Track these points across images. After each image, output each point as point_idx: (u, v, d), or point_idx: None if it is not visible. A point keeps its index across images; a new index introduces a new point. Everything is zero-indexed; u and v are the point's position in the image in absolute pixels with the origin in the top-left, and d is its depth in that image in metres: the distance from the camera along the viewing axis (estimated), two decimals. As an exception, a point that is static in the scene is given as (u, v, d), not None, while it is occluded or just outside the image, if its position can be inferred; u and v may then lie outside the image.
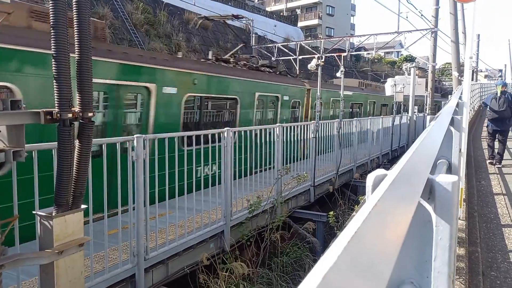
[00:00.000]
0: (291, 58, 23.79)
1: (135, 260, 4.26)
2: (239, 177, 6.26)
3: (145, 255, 4.34)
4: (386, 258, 0.59)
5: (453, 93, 12.43)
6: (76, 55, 2.87)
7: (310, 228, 7.41)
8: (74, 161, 2.87)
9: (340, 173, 9.97)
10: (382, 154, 14.03)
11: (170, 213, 4.94)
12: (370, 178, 0.95)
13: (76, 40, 2.85)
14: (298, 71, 24.21)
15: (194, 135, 5.32)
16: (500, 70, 55.14)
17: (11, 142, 2.75)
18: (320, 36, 45.02)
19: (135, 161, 4.21)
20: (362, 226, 0.52)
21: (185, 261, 5.12)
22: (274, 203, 6.74)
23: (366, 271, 0.50)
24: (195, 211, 5.21)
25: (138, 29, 19.58)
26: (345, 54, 22.33)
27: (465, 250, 3.75)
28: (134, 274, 4.29)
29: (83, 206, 3.02)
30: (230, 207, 5.82)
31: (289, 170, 6.93)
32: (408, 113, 16.91)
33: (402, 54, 51.49)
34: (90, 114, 2.91)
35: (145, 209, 4.33)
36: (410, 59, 33.28)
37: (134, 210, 4.26)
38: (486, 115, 9.60)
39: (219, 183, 5.88)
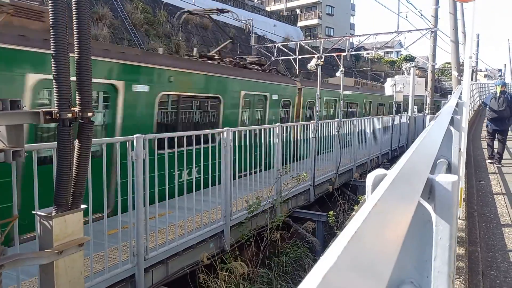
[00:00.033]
0: (291, 58, 23.79)
1: (135, 260, 4.26)
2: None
3: (145, 255, 4.34)
4: (386, 258, 0.59)
5: (452, 92, 12.45)
6: (75, 55, 2.87)
7: (309, 227, 7.42)
8: (74, 161, 2.87)
9: (339, 172, 9.97)
10: (382, 153, 14.03)
11: (170, 213, 4.94)
12: (370, 178, 0.95)
13: (75, 40, 2.85)
14: (298, 71, 24.27)
15: (193, 135, 5.31)
16: (499, 70, 55.17)
17: (11, 142, 2.74)
18: (319, 36, 45.04)
19: (135, 161, 4.21)
20: (362, 226, 0.52)
21: (185, 261, 5.12)
22: (274, 203, 6.73)
23: (366, 271, 0.50)
24: (195, 211, 5.21)
25: (137, 29, 19.58)
26: (344, 54, 22.31)
27: (465, 249, 3.75)
28: (134, 274, 4.29)
29: (83, 206, 3.02)
30: (230, 207, 5.82)
31: (288, 171, 6.92)
32: (407, 112, 16.92)
33: (401, 54, 51.48)
34: (89, 114, 2.91)
35: (145, 209, 4.34)
36: (410, 59, 33.26)
37: (134, 210, 4.27)
38: (486, 115, 9.63)
39: (198, 190, 5.34)
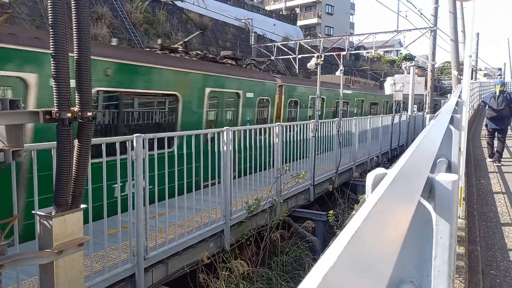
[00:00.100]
0: (291, 57, 23.79)
1: (135, 259, 4.26)
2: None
3: (145, 255, 4.34)
4: (386, 257, 0.59)
5: (452, 92, 12.45)
6: (75, 55, 2.86)
7: (309, 227, 7.42)
8: (74, 160, 2.87)
9: (339, 172, 9.97)
10: (382, 153, 14.03)
11: (170, 212, 4.94)
12: (370, 177, 0.95)
13: (75, 39, 2.85)
14: (298, 70, 24.26)
15: (193, 135, 5.31)
16: (499, 69, 55.16)
17: (10, 142, 2.74)
18: (319, 35, 45.02)
19: (135, 160, 4.20)
20: (362, 226, 0.52)
21: (185, 260, 5.12)
22: (274, 203, 6.73)
23: (366, 271, 0.50)
24: (195, 211, 5.20)
25: (137, 28, 19.57)
26: (344, 53, 22.33)
27: (464, 248, 3.75)
28: (134, 274, 4.29)
29: (83, 206, 3.02)
30: (230, 206, 5.82)
31: (287, 170, 6.92)
32: (407, 112, 16.92)
33: (401, 53, 51.52)
34: (89, 113, 2.91)
35: (144, 208, 4.33)
36: (410, 58, 33.26)
37: (133, 209, 4.26)
38: (485, 114, 9.67)
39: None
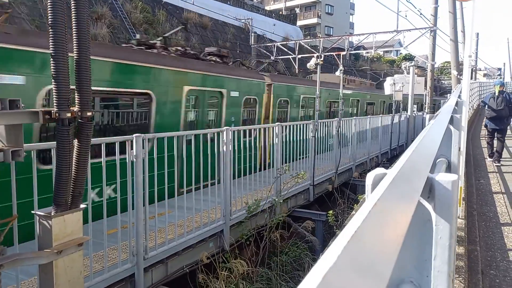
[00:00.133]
0: (290, 57, 23.80)
1: (135, 259, 4.26)
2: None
3: (144, 255, 4.34)
4: (386, 257, 0.59)
5: (452, 92, 12.45)
6: (74, 55, 2.86)
7: (309, 227, 7.42)
8: (73, 160, 2.87)
9: (339, 172, 9.97)
10: (381, 153, 14.04)
11: (170, 212, 4.94)
12: (370, 177, 0.95)
13: (74, 39, 2.85)
14: (298, 70, 24.26)
15: (193, 135, 5.31)
16: (499, 69, 55.21)
17: (10, 141, 2.74)
18: (319, 35, 45.02)
19: (134, 160, 4.20)
20: (362, 226, 0.52)
21: (184, 260, 5.12)
22: (273, 203, 6.73)
23: (366, 271, 0.50)
24: (195, 211, 5.20)
25: (137, 28, 19.56)
26: (344, 53, 22.35)
27: (464, 248, 3.75)
28: (133, 274, 4.28)
29: (82, 206, 3.01)
30: (230, 206, 5.82)
31: (287, 169, 6.92)
32: (407, 112, 16.93)
33: (401, 53, 51.53)
34: (89, 113, 2.90)
35: (144, 208, 4.33)
36: (409, 58, 33.29)
37: (133, 209, 4.26)
38: (485, 114, 9.69)
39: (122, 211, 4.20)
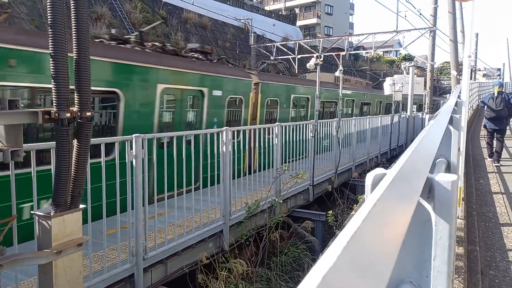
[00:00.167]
0: (290, 57, 23.80)
1: (134, 259, 4.25)
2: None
3: (144, 255, 4.34)
4: (385, 257, 0.59)
5: (451, 92, 12.46)
6: (74, 54, 2.86)
7: (308, 227, 7.41)
8: (73, 160, 2.86)
9: (339, 172, 9.98)
10: (381, 153, 14.04)
11: (169, 212, 4.93)
12: (370, 177, 0.95)
13: (74, 39, 2.84)
14: (297, 70, 24.26)
15: (192, 135, 5.30)
16: (498, 69, 55.25)
17: (9, 141, 2.74)
18: (318, 35, 45.05)
19: (134, 160, 4.20)
20: (362, 226, 0.51)
21: (184, 260, 5.12)
22: (273, 203, 6.73)
23: (366, 271, 0.50)
24: (194, 211, 5.20)
25: (136, 28, 19.54)
26: (343, 53, 22.37)
27: (463, 249, 3.75)
28: (133, 274, 4.28)
29: (82, 206, 3.01)
30: (229, 207, 5.82)
31: (286, 169, 6.92)
32: (406, 112, 16.94)
33: (400, 53, 51.50)
34: (88, 113, 2.90)
35: (144, 208, 4.33)
36: (409, 58, 33.28)
37: (132, 209, 4.26)
38: (484, 114, 9.71)
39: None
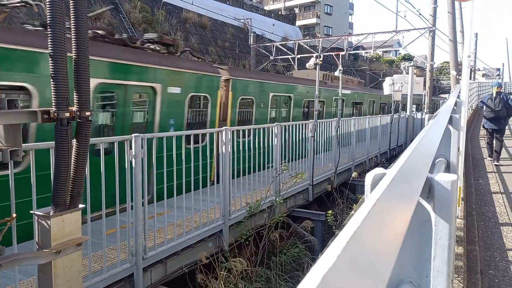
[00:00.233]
0: (289, 57, 23.80)
1: (134, 259, 4.25)
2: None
3: (143, 255, 4.34)
4: (385, 257, 0.59)
5: (451, 92, 12.47)
6: (73, 54, 2.85)
7: (308, 226, 7.42)
8: (72, 160, 2.86)
9: (338, 172, 9.98)
10: (381, 152, 14.05)
11: (169, 212, 4.93)
12: (369, 177, 0.95)
13: (73, 39, 2.84)
14: (297, 70, 24.25)
15: (192, 135, 5.30)
16: (498, 69, 55.30)
17: (8, 141, 2.73)
18: (318, 35, 45.04)
19: (133, 160, 4.19)
20: (361, 226, 0.51)
21: (183, 260, 5.12)
22: (273, 203, 6.73)
23: (366, 271, 0.50)
24: (194, 210, 5.20)
25: (136, 28, 19.54)
26: (343, 53, 22.37)
27: (463, 248, 3.75)
28: (132, 274, 4.28)
29: (81, 206, 3.01)
30: (229, 206, 5.82)
31: (286, 168, 6.92)
32: (405, 112, 16.96)
33: (400, 53, 51.50)
34: (87, 113, 2.90)
35: (143, 208, 4.32)
36: (408, 58, 33.30)
37: (132, 209, 4.25)
38: (483, 114, 9.73)
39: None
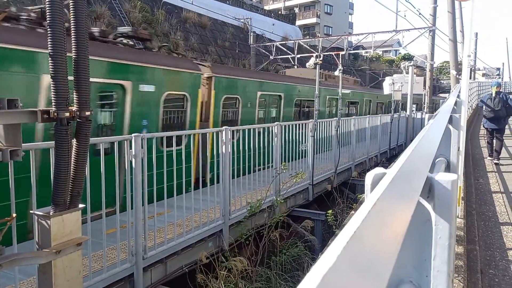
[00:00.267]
0: (289, 56, 23.80)
1: (134, 259, 4.25)
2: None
3: (143, 254, 4.34)
4: (385, 257, 0.58)
5: (451, 91, 12.46)
6: (73, 54, 2.85)
7: (308, 226, 7.42)
8: (72, 160, 2.86)
9: (338, 171, 9.98)
10: (381, 152, 14.05)
11: (169, 212, 4.93)
12: (369, 177, 0.94)
13: (73, 39, 2.84)
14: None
15: (191, 134, 5.29)
16: (498, 69, 55.29)
17: (8, 141, 2.73)
18: (318, 34, 45.02)
19: (133, 160, 4.19)
20: (361, 225, 0.51)
21: (183, 260, 5.12)
22: (273, 202, 6.73)
23: (366, 271, 0.50)
24: (194, 210, 5.20)
25: (136, 28, 19.53)
26: (343, 52, 22.38)
27: (463, 248, 3.75)
28: (132, 274, 4.28)
29: (81, 205, 3.01)
30: (229, 206, 5.81)
31: (286, 168, 6.93)
32: (405, 111, 16.97)
33: (400, 53, 51.50)
34: (87, 113, 2.89)
35: (143, 208, 4.32)
36: (408, 58, 33.29)
37: (132, 209, 4.25)
38: (483, 114, 9.74)
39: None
